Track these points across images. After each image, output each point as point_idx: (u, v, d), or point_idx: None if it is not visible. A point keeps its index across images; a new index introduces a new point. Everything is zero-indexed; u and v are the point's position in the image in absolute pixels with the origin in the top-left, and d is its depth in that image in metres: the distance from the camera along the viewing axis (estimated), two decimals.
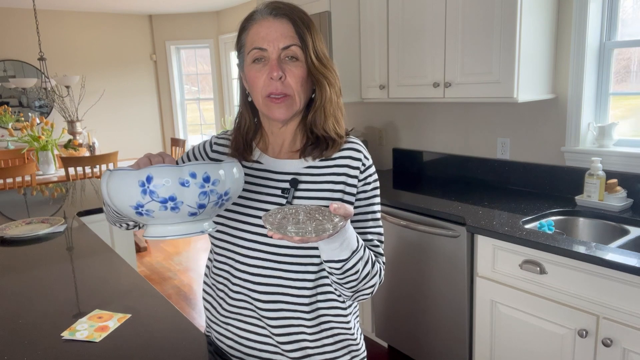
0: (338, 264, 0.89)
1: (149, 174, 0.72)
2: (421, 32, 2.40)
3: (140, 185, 0.72)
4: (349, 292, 0.95)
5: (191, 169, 0.74)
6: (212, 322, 1.07)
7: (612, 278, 1.53)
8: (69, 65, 5.88)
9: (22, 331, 1.12)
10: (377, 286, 0.99)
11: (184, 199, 0.74)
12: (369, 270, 0.93)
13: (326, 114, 0.98)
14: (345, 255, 0.88)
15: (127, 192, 0.74)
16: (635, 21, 2.11)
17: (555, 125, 2.27)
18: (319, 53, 0.94)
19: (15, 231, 1.92)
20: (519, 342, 1.85)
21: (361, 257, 0.91)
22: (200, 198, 0.75)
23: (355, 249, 0.89)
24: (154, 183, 0.72)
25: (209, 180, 0.75)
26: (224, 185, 0.78)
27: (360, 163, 1.00)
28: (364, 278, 0.93)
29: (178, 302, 3.48)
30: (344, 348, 1.04)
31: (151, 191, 0.73)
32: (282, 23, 0.92)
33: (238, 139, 1.04)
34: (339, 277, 0.92)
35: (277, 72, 0.91)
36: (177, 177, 0.73)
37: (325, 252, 0.88)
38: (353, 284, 0.93)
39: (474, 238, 1.96)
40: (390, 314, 2.47)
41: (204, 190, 0.75)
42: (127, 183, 0.74)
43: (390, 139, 3.15)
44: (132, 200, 0.74)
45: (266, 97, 0.94)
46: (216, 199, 0.77)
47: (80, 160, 4.00)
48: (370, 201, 1.01)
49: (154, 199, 0.73)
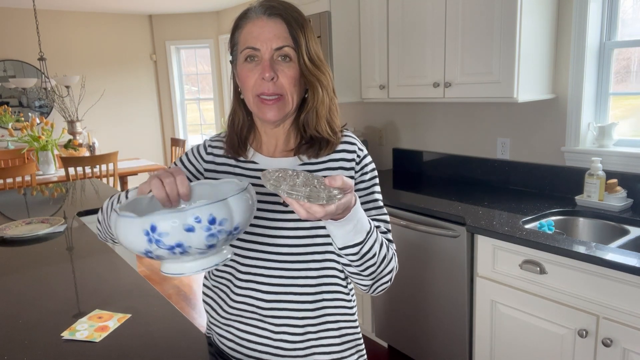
0: (355, 248, 0.85)
1: (152, 222, 0.70)
2: (421, 32, 2.40)
3: (146, 234, 0.70)
4: (369, 279, 0.93)
5: (195, 213, 0.70)
6: (213, 324, 1.06)
7: (612, 278, 1.53)
8: (69, 65, 5.88)
9: (22, 331, 1.12)
10: (394, 273, 0.97)
11: (192, 244, 0.72)
12: (385, 253, 0.92)
13: (318, 116, 0.97)
14: (360, 237, 0.85)
15: (134, 240, 0.72)
16: (635, 21, 2.11)
17: (555, 125, 2.27)
18: (312, 55, 0.93)
19: (15, 231, 1.92)
20: (519, 342, 1.85)
21: (376, 239, 0.89)
22: (208, 240, 0.72)
23: (369, 230, 0.86)
24: (158, 232, 0.70)
25: (215, 222, 0.72)
26: (232, 222, 0.74)
27: (354, 155, 1.00)
28: (382, 262, 0.91)
29: (178, 302, 3.48)
30: (351, 348, 1.04)
31: (157, 240, 0.70)
32: (276, 23, 0.91)
33: (232, 136, 1.03)
34: (358, 264, 0.89)
35: (270, 73, 0.90)
36: (181, 224, 0.70)
37: (339, 237, 0.84)
38: (372, 269, 0.90)
39: (474, 238, 1.96)
40: (391, 314, 2.47)
41: (211, 233, 0.72)
42: (133, 232, 0.72)
43: (390, 139, 3.15)
44: (140, 248, 0.72)
45: (257, 97, 0.93)
46: (225, 236, 0.74)
47: (80, 160, 4.00)
48: (371, 190, 1.01)
49: (161, 247, 0.71)
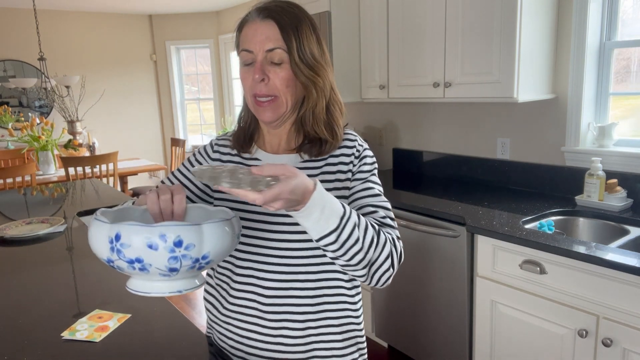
0: (331, 236, 0.80)
1: (117, 231, 0.69)
2: (421, 32, 2.40)
3: (109, 242, 0.69)
4: (361, 269, 0.87)
5: (162, 231, 0.68)
6: (213, 322, 1.07)
7: (612, 278, 1.53)
8: (69, 65, 5.88)
9: (22, 331, 1.12)
10: (396, 259, 0.91)
11: (152, 262, 0.70)
12: (372, 236, 0.86)
13: (315, 117, 0.98)
14: (333, 223, 0.80)
15: (99, 246, 0.71)
16: (635, 21, 2.11)
17: (555, 125, 2.27)
18: (306, 56, 0.93)
19: (15, 231, 1.92)
20: (519, 342, 1.85)
21: (356, 223, 0.83)
22: (170, 263, 0.70)
23: (342, 213, 0.81)
24: (121, 242, 0.69)
25: (181, 245, 0.69)
26: (201, 250, 0.71)
27: (354, 150, 1.01)
28: (370, 246, 0.86)
29: (178, 302, 3.48)
30: (352, 345, 1.05)
31: (118, 250, 0.69)
32: (268, 25, 0.92)
33: (239, 132, 1.06)
34: (342, 254, 0.83)
35: (259, 75, 0.92)
36: (145, 238, 0.68)
37: (311, 229, 0.80)
38: (360, 256, 0.85)
39: (474, 238, 1.96)
40: (391, 313, 2.47)
41: (174, 255, 0.69)
42: (99, 237, 0.71)
43: (390, 139, 3.15)
44: (103, 254, 0.71)
45: (253, 98, 0.96)
46: (190, 263, 0.71)
47: (80, 160, 4.00)
48: (367, 179, 1.00)
49: (121, 258, 0.70)
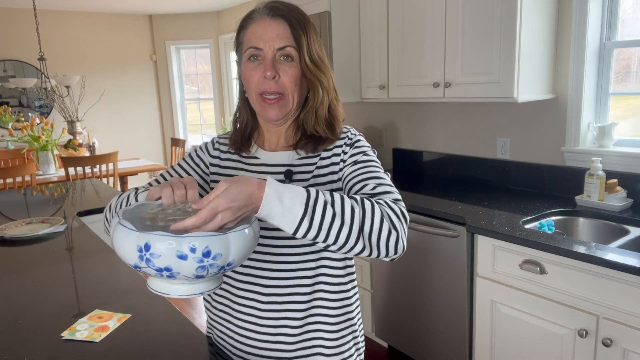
0: (304, 224, 0.76)
1: (147, 241, 0.70)
2: (421, 32, 2.40)
3: (138, 250, 0.70)
4: (357, 243, 0.79)
5: (192, 242, 0.69)
6: (213, 321, 1.08)
7: (612, 278, 1.53)
8: (69, 65, 5.88)
9: (22, 331, 1.12)
10: (398, 218, 0.83)
11: (181, 271, 0.71)
12: (352, 206, 0.79)
13: (317, 116, 0.99)
14: (299, 210, 0.75)
15: (126, 252, 0.72)
16: (635, 21, 2.11)
17: (555, 125, 2.27)
18: (314, 56, 0.96)
19: (15, 231, 1.92)
20: (519, 342, 1.85)
21: (327, 201, 0.78)
22: (198, 271, 0.72)
23: (306, 198, 0.77)
24: (150, 252, 0.70)
25: (209, 255, 0.71)
26: (227, 258, 0.73)
27: (345, 139, 1.01)
28: (353, 217, 0.78)
29: (178, 302, 3.48)
30: (350, 341, 1.05)
31: (147, 259, 0.70)
32: (279, 24, 0.94)
33: (236, 134, 1.07)
34: (327, 238, 0.78)
35: (271, 72, 0.93)
36: (175, 249, 0.69)
37: (284, 225, 0.76)
38: (345, 230, 0.78)
39: (474, 238, 1.96)
40: (390, 313, 2.47)
41: (202, 265, 0.71)
42: (127, 244, 0.72)
43: (390, 139, 3.15)
44: (130, 261, 0.72)
45: (259, 96, 0.96)
46: (216, 271, 0.73)
47: (80, 160, 4.00)
48: (357, 160, 0.97)
49: (150, 267, 0.71)
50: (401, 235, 0.83)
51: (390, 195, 0.89)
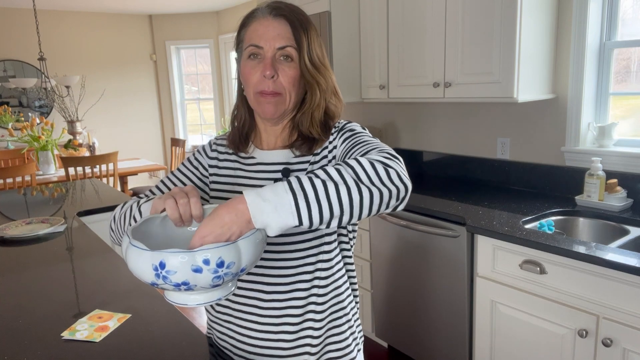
0: (301, 208, 0.73)
1: (161, 260, 0.72)
2: (421, 32, 2.40)
3: (154, 269, 0.72)
4: (362, 191, 0.75)
5: (205, 256, 0.71)
6: (214, 322, 1.08)
7: (612, 278, 1.53)
8: (69, 65, 5.88)
9: (22, 331, 1.12)
10: (387, 159, 0.80)
11: (198, 283, 0.73)
12: (335, 168, 0.76)
13: (313, 118, 0.99)
14: (286, 194, 0.73)
15: (142, 271, 0.74)
16: (635, 21, 2.11)
17: (555, 125, 2.27)
18: (314, 57, 0.96)
19: (15, 231, 1.92)
20: (519, 342, 1.85)
21: (310, 177, 0.75)
22: (214, 281, 0.74)
23: (288, 184, 0.74)
24: (166, 269, 0.72)
25: (223, 265, 0.73)
26: (239, 265, 0.75)
27: (334, 129, 1.01)
28: (341, 173, 0.75)
29: None
30: (348, 338, 1.05)
31: (164, 276, 0.72)
32: (280, 23, 0.94)
33: (234, 133, 1.07)
34: (332, 208, 0.74)
35: (270, 71, 0.93)
36: (189, 264, 0.72)
37: (284, 220, 0.73)
38: (343, 190, 0.74)
39: (474, 238, 1.96)
40: (391, 314, 2.47)
41: (217, 275, 0.73)
42: (142, 263, 0.73)
43: (390, 139, 3.15)
44: (147, 279, 0.75)
45: (257, 94, 0.96)
46: (231, 278, 0.76)
47: (80, 160, 4.00)
48: (344, 139, 0.96)
49: (168, 283, 0.73)
50: (400, 171, 0.81)
51: (378, 149, 0.86)
